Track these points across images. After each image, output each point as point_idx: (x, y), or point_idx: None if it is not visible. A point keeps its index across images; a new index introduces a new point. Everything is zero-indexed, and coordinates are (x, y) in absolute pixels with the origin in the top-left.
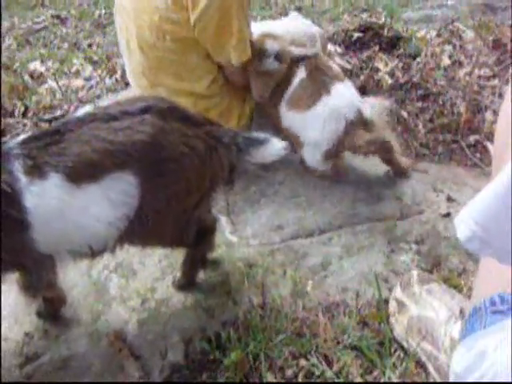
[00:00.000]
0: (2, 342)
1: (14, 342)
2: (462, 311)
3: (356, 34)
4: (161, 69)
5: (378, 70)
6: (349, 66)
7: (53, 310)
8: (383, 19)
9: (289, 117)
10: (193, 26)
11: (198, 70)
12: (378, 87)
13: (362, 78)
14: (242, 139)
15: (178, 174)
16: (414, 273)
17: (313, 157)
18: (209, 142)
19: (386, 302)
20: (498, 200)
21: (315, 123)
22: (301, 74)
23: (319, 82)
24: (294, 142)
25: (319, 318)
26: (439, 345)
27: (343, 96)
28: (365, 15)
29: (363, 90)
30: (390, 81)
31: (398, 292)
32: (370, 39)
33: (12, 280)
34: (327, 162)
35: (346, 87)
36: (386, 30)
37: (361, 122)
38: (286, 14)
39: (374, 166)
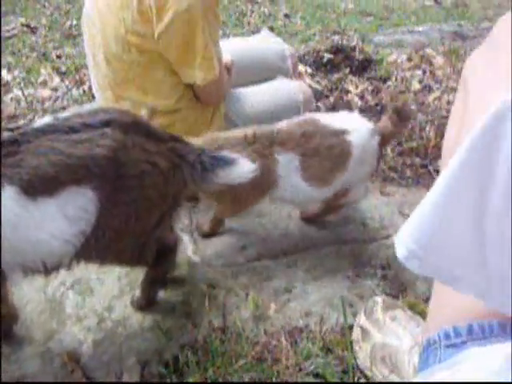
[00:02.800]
0: None
1: None
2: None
3: (327, 56)
4: (127, 82)
5: (348, 91)
6: (319, 87)
7: (4, 327)
8: (355, 42)
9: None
10: (157, 40)
11: (165, 86)
12: (347, 109)
13: (331, 99)
14: (208, 158)
15: (138, 191)
16: (379, 299)
17: (360, 190)
18: (172, 160)
19: (351, 327)
20: (434, 211)
21: (361, 164)
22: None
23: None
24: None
25: (281, 343)
26: (403, 373)
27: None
28: (336, 37)
29: (333, 112)
30: (359, 103)
31: (362, 319)
32: (340, 61)
33: None
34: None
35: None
36: (357, 53)
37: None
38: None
39: None
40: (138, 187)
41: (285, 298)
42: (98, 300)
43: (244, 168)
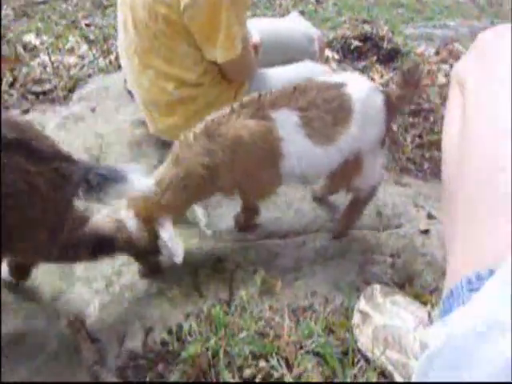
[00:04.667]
0: None
1: None
2: (429, 316)
3: (355, 43)
4: (152, 50)
5: (372, 80)
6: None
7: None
8: (384, 32)
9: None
10: (182, 13)
11: (189, 59)
12: None
13: None
14: (96, 176)
15: (14, 210)
16: (377, 286)
17: (374, 168)
18: (54, 180)
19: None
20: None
21: (367, 125)
22: None
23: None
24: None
25: (284, 320)
26: (408, 351)
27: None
28: (366, 27)
29: None
30: None
31: (361, 303)
32: (368, 49)
33: None
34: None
35: None
36: (385, 42)
37: None
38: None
39: None
40: (13, 207)
41: (292, 276)
42: (107, 264)
43: (136, 184)
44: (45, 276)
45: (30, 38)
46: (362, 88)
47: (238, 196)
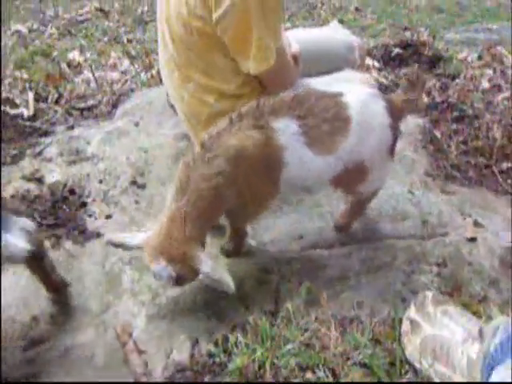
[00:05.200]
0: (9, 324)
1: (21, 325)
2: (480, 332)
3: (396, 50)
4: (191, 64)
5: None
6: (385, 82)
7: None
8: (425, 38)
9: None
10: (215, 25)
11: (227, 71)
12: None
13: None
14: None
15: None
16: (429, 294)
17: (381, 172)
18: None
19: (401, 321)
20: None
21: (368, 132)
22: None
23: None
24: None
25: (331, 332)
26: (455, 365)
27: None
28: (407, 33)
29: None
30: (426, 99)
31: (412, 312)
32: (409, 56)
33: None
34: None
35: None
36: (426, 49)
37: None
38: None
39: (401, 182)
40: None
41: (338, 287)
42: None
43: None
44: (92, 288)
45: (74, 56)
46: (360, 96)
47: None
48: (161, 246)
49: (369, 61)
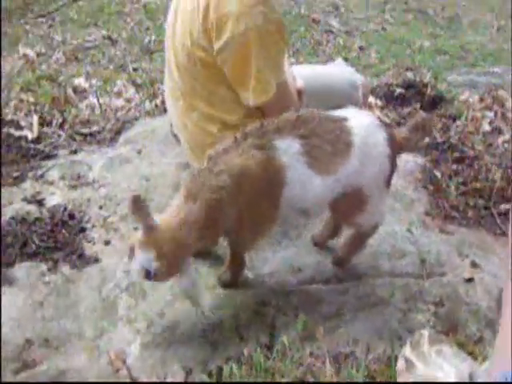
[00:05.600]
0: (2, 345)
1: (14, 346)
2: (471, 376)
3: (398, 90)
4: (195, 93)
5: None
6: (387, 120)
7: None
8: (427, 78)
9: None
10: (216, 56)
11: (230, 101)
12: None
13: None
14: None
15: None
16: (425, 332)
17: (378, 206)
18: None
19: (397, 359)
20: None
21: (368, 160)
22: None
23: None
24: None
25: (326, 367)
26: None
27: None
28: (409, 74)
29: None
30: (427, 139)
31: (407, 350)
32: (411, 96)
33: (21, 284)
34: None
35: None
36: (428, 89)
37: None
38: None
39: (401, 220)
40: None
41: (334, 323)
42: (149, 304)
43: None
44: (88, 313)
45: (80, 81)
46: (364, 123)
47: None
48: (155, 240)
49: (372, 99)
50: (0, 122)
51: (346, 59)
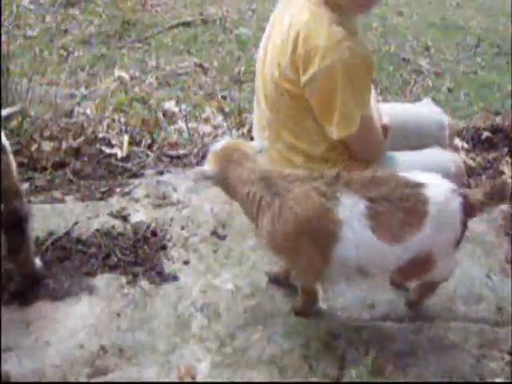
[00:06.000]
0: (78, 350)
1: (89, 353)
2: None
3: (486, 133)
4: (281, 123)
5: (502, 172)
6: (473, 164)
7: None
8: None
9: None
10: (303, 89)
11: (314, 134)
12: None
13: (483, 177)
14: None
15: None
16: (498, 381)
17: (448, 265)
18: None
19: None
20: None
21: (441, 228)
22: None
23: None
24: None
25: None
26: None
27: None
28: (498, 118)
29: None
30: None
31: None
32: (499, 141)
33: (101, 294)
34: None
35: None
36: None
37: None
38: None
39: (480, 265)
40: None
41: (404, 362)
42: (222, 326)
43: None
44: (162, 328)
45: (170, 106)
46: (442, 191)
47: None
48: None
49: (458, 142)
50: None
51: (433, 100)
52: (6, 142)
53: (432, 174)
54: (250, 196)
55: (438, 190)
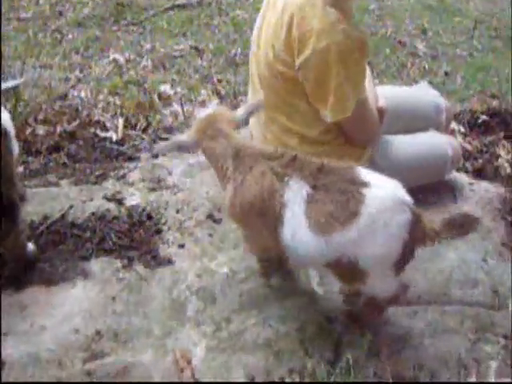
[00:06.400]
0: (72, 334)
1: (84, 337)
2: None
3: (483, 117)
4: (275, 106)
5: (498, 156)
6: (469, 148)
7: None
8: None
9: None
10: (297, 71)
11: (309, 116)
12: (495, 174)
13: (480, 161)
14: None
15: None
16: (493, 364)
17: (384, 283)
18: None
19: None
20: None
21: (372, 236)
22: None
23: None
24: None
25: None
26: None
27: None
28: (494, 102)
29: (479, 174)
30: (508, 169)
31: (472, 380)
32: (496, 124)
33: (96, 278)
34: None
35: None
36: None
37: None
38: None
39: (476, 249)
40: None
41: (399, 346)
42: (218, 310)
43: None
44: (157, 312)
45: (165, 88)
46: (383, 197)
47: None
48: None
49: (454, 125)
50: None
51: (430, 83)
52: (11, 126)
53: (392, 181)
54: (221, 169)
55: (380, 194)
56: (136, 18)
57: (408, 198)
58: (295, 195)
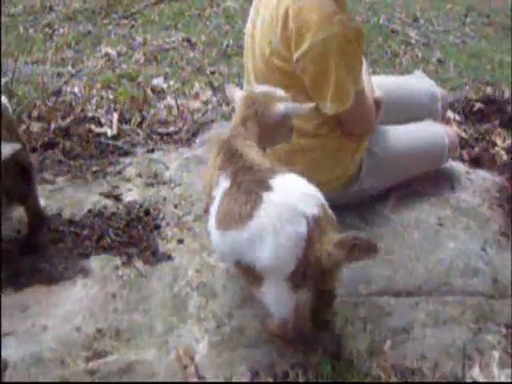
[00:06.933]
0: (75, 333)
1: (86, 336)
2: None
3: (478, 105)
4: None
5: (494, 144)
6: (465, 136)
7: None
8: (508, 95)
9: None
10: (295, 65)
11: None
12: (491, 162)
13: (476, 149)
14: None
15: None
16: (497, 355)
17: (278, 294)
18: None
19: (464, 379)
20: None
21: (262, 241)
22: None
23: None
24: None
25: (391, 380)
26: None
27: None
28: (489, 89)
29: (476, 163)
30: (505, 157)
31: (475, 372)
32: (491, 112)
33: (95, 276)
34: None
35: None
36: (510, 107)
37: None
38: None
39: (475, 238)
40: None
41: (402, 337)
42: (219, 305)
43: None
44: (158, 309)
45: (158, 82)
46: (278, 206)
47: None
48: None
49: (450, 113)
50: None
51: (423, 71)
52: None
53: (303, 191)
54: None
55: (276, 201)
56: (127, 11)
57: (311, 212)
58: (219, 190)
